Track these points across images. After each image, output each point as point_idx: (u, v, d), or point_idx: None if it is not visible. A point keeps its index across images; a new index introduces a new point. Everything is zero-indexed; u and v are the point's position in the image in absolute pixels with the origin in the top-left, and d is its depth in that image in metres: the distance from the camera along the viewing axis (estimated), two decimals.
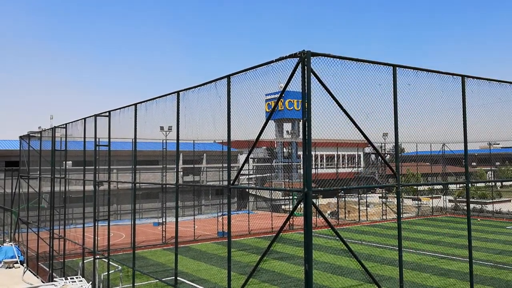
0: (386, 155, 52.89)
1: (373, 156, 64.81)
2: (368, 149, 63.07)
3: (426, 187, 57.21)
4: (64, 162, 17.77)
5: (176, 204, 11.37)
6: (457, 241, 26.22)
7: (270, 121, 8.52)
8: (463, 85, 8.60)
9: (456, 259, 21.30)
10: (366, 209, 40.09)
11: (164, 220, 29.49)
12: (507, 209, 41.21)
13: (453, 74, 8.52)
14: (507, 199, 48.39)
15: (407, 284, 16.68)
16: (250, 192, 46.65)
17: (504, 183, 69.91)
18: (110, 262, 14.60)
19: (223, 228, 29.79)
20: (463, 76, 8.65)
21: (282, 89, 7.59)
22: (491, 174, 69.37)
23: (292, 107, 44.95)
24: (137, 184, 14.45)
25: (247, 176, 46.40)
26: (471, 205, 43.16)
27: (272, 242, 7.59)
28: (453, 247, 24.32)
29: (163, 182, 30.42)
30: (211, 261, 22.27)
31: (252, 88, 8.60)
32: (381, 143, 46.32)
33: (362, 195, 43.39)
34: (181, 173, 42.25)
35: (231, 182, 8.94)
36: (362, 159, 64.06)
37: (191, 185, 13.68)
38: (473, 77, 8.74)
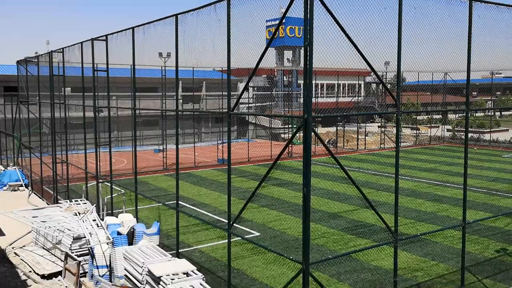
0: (387, 84, 52.46)
1: (373, 86, 64.35)
2: (369, 78, 62.46)
3: (425, 117, 57.39)
4: (63, 88, 17.65)
5: (176, 130, 11.45)
6: (453, 169, 26.71)
7: (270, 48, 8.36)
8: (470, 10, 8.33)
9: (451, 186, 21.83)
10: (365, 138, 40.45)
11: (164, 147, 29.85)
12: (504, 138, 41.62)
13: None
14: (505, 128, 48.68)
15: (402, 209, 17.21)
16: (249, 120, 46.81)
17: (503, 113, 70.02)
18: (113, 186, 14.96)
19: (223, 155, 30.22)
20: (470, 0, 8.36)
21: (283, 15, 7.37)
22: (491, 103, 69.22)
23: (293, 34, 43.89)
24: (137, 111, 14.46)
25: (247, 105, 46.33)
26: (469, 134, 43.52)
27: (270, 168, 7.72)
28: (448, 175, 24.82)
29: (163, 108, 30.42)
30: (211, 186, 22.82)
31: (253, 12, 8.35)
32: (383, 72, 45.79)
33: (361, 124, 43.60)
34: (181, 100, 42.16)
35: (231, 108, 8.93)
36: (362, 88, 63.63)
37: (191, 110, 13.70)
38: (481, 1, 8.44)
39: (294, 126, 41.24)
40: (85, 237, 11.73)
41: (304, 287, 6.54)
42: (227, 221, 9.02)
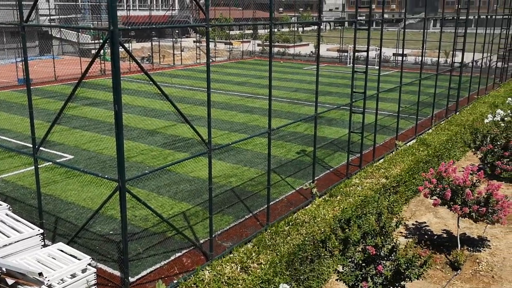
0: None
1: (188, 0, 63.23)
2: None
3: (237, 32, 59.26)
4: None
5: None
6: (262, 81, 28.61)
7: None
8: None
9: (260, 98, 23.49)
10: (181, 53, 40.26)
11: None
12: (305, 52, 45.82)
13: None
14: (306, 43, 53.47)
15: (217, 122, 18.04)
16: (54, 35, 42.19)
17: (305, 29, 76.28)
18: None
19: (23, 74, 26.97)
20: None
21: None
22: (295, 19, 74.60)
23: None
24: None
25: (48, 17, 41.38)
26: (276, 49, 46.77)
27: (76, 85, 7.17)
28: (258, 87, 26.59)
29: None
30: (11, 110, 20.43)
31: None
32: None
33: (176, 39, 43.04)
34: None
35: (24, 19, 7.85)
36: (177, 2, 62.04)
37: None
38: None
39: (105, 37, 38.58)
40: None
41: (121, 203, 6.52)
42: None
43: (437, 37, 19.37)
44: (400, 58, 35.83)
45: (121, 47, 6.56)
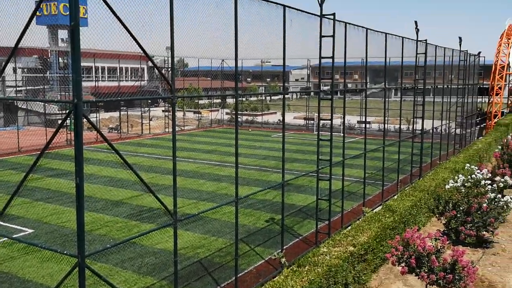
0: (169, 68, 53.23)
1: (157, 71, 64.58)
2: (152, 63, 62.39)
3: (206, 101, 60.33)
4: None
5: None
6: (230, 149, 28.81)
7: (41, 26, 7.58)
8: (236, 2, 8.98)
9: (228, 166, 23.54)
10: (149, 123, 40.46)
11: None
12: (273, 120, 46.80)
13: None
14: (273, 111, 54.78)
15: (185, 191, 17.85)
16: (20, 106, 41.92)
17: (272, 98, 78.39)
18: None
19: None
20: None
21: None
22: (263, 89, 76.85)
23: (67, 12, 40.69)
24: None
25: (15, 88, 41.29)
26: (244, 117, 47.67)
27: (38, 157, 7.05)
28: (226, 155, 26.71)
29: None
30: None
31: None
32: (165, 57, 46.24)
33: (145, 109, 43.41)
34: None
35: None
36: (146, 73, 63.28)
37: None
38: None
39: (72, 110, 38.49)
40: None
41: (80, 281, 6.22)
42: None
43: (398, 105, 20.23)
44: (364, 125, 37.03)
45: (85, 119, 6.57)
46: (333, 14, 12.30)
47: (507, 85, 43.14)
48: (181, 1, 8.21)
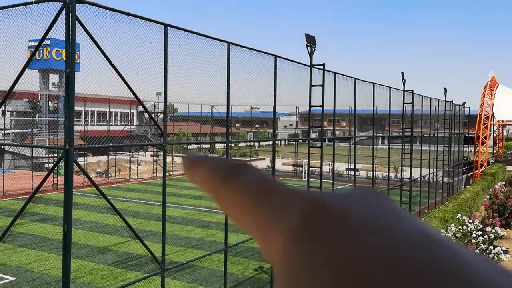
0: (159, 114, 53.60)
1: (146, 115, 64.92)
2: (142, 108, 62.81)
3: (195, 146, 60.46)
4: None
5: None
6: None
7: (33, 71, 7.67)
8: (228, 51, 9.20)
9: (217, 212, 23.27)
10: (137, 167, 40.22)
11: None
12: (262, 166, 46.84)
13: (220, 40, 9.02)
14: (262, 157, 54.98)
15: (172, 237, 17.52)
16: (6, 149, 41.56)
17: (261, 144, 78.86)
18: None
19: None
20: (228, 43, 9.24)
21: (43, 36, 6.86)
22: (251, 135, 77.39)
23: (60, 57, 41.08)
24: None
25: (3, 131, 41.07)
26: None
27: (26, 202, 6.95)
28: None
29: None
30: None
31: (13, 29, 7.66)
32: (155, 102, 46.65)
33: (134, 153, 43.28)
34: None
35: None
36: (135, 117, 63.54)
37: None
38: (237, 45, 9.42)
39: (61, 154, 38.24)
40: None
41: None
42: None
43: (385, 153, 20.45)
44: (352, 172, 37.22)
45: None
46: (323, 65, 12.64)
47: (492, 134, 44.03)
48: (174, 48, 8.40)
